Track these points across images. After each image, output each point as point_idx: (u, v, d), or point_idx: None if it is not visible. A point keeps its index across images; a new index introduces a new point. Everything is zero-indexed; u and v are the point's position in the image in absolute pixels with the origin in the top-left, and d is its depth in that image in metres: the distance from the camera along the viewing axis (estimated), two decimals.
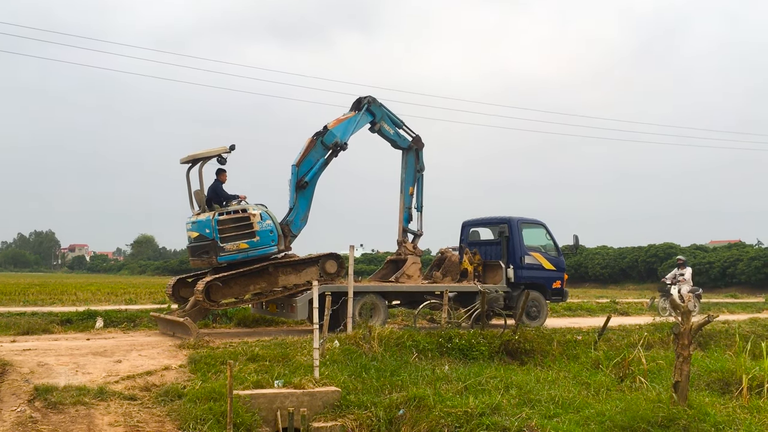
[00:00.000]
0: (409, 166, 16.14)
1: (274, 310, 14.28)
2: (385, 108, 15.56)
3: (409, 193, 16.16)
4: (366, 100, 15.22)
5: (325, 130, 14.47)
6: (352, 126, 14.89)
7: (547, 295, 16.48)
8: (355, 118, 15.01)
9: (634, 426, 7.75)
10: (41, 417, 7.30)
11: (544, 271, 16.42)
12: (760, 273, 53.85)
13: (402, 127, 15.96)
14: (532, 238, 16.62)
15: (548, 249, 16.77)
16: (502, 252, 16.22)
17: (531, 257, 16.25)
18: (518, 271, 15.97)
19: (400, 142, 15.92)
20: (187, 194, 13.61)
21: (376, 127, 15.51)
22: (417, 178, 16.23)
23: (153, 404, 8.11)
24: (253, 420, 8.10)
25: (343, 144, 14.58)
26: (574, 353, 12.54)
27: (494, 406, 8.51)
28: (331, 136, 14.43)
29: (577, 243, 17.89)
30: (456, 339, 12.05)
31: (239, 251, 12.92)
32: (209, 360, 9.95)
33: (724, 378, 10.06)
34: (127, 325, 14.56)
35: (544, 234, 16.94)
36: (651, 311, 21.30)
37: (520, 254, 16.09)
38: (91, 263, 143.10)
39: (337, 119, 14.79)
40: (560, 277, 16.72)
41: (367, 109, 15.23)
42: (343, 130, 14.67)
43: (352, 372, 9.94)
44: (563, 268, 16.95)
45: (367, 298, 14.02)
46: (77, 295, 25.19)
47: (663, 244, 64.25)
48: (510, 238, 16.13)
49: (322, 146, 14.38)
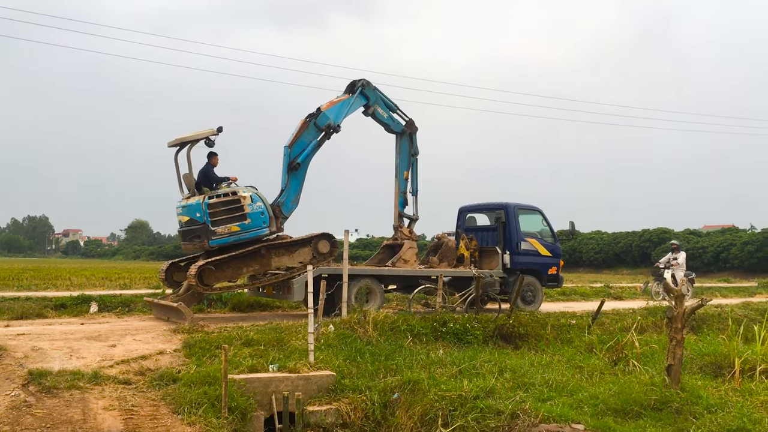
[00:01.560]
0: (403, 151, 16.09)
1: (271, 292, 14.27)
2: (379, 91, 15.48)
3: (404, 177, 16.08)
4: (360, 83, 15.14)
5: (318, 112, 14.39)
6: (345, 109, 14.82)
7: (543, 280, 16.51)
8: (349, 101, 14.94)
9: (627, 409, 7.81)
10: (35, 401, 7.30)
11: (540, 257, 16.46)
12: (752, 257, 54.15)
13: (396, 111, 15.88)
14: (529, 224, 16.66)
15: (544, 235, 16.80)
16: (498, 238, 16.21)
17: (527, 243, 16.26)
18: (514, 257, 15.99)
19: (393, 126, 15.85)
20: (176, 178, 13.52)
21: (369, 111, 15.43)
22: (411, 163, 16.17)
23: (148, 388, 8.11)
24: (248, 404, 8.12)
25: (336, 126, 14.52)
26: (567, 337, 12.60)
27: (488, 389, 8.55)
28: (324, 118, 14.36)
29: (573, 229, 17.83)
30: (450, 323, 12.09)
31: (231, 234, 12.86)
32: (204, 344, 9.95)
33: (716, 361, 10.14)
34: (121, 310, 14.53)
35: (541, 220, 16.98)
36: (644, 295, 21.38)
37: (516, 240, 16.11)
38: (85, 248, 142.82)
39: (330, 101, 14.71)
40: (556, 263, 16.77)
41: (361, 92, 15.15)
42: (337, 113, 14.60)
43: (346, 356, 9.97)
44: (559, 254, 17.00)
45: (364, 282, 14.01)
46: (71, 280, 25.15)
47: (657, 229, 64.46)
48: (506, 223, 16.12)
49: (315, 128, 14.32)
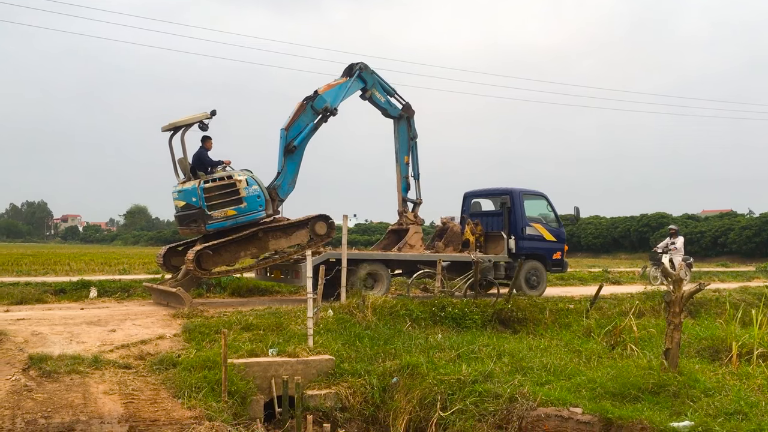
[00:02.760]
0: (401, 135, 16.05)
1: (279, 276, 14.30)
2: (376, 75, 15.42)
3: (404, 162, 16.08)
4: (358, 67, 15.07)
5: (315, 94, 14.33)
6: (343, 92, 14.75)
7: (548, 265, 16.61)
8: (346, 84, 14.87)
9: (624, 392, 7.84)
10: (36, 385, 7.32)
11: (544, 242, 16.54)
12: (751, 242, 54.29)
13: (394, 95, 15.83)
14: (534, 210, 16.74)
15: (549, 220, 16.89)
16: (503, 223, 16.29)
17: (532, 228, 16.36)
18: (519, 242, 16.08)
19: (390, 111, 15.80)
20: (171, 162, 13.47)
21: (367, 94, 15.38)
22: (411, 146, 16.15)
23: (148, 373, 8.13)
24: (248, 388, 8.15)
25: (333, 109, 14.46)
26: (566, 321, 12.64)
27: (487, 373, 8.59)
28: (321, 100, 14.30)
29: (577, 214, 17.95)
30: (449, 308, 12.12)
31: (227, 218, 12.83)
32: (203, 329, 9.96)
33: (714, 345, 10.17)
34: (120, 294, 14.54)
35: (545, 205, 17.05)
36: (643, 280, 21.45)
37: (521, 225, 16.18)
38: (84, 233, 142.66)
39: (327, 84, 14.63)
40: (560, 248, 16.89)
41: (359, 75, 15.09)
42: (334, 96, 14.54)
43: (346, 340, 10.00)
44: (564, 239, 17.11)
45: (371, 267, 14.09)
46: (70, 265, 25.14)
47: (655, 214, 64.56)
48: (512, 209, 16.20)
49: (312, 111, 14.25)
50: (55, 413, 6.66)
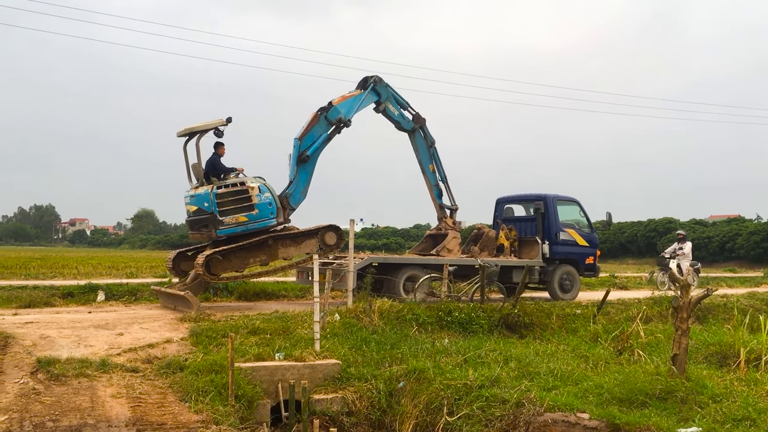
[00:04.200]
0: (420, 147, 16.18)
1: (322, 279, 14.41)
2: (391, 88, 15.53)
3: (430, 170, 16.31)
4: (372, 80, 15.19)
5: (329, 105, 14.46)
6: (357, 104, 14.87)
7: (581, 269, 16.97)
8: (360, 97, 14.99)
9: (632, 398, 7.81)
10: (44, 389, 7.36)
11: (577, 247, 16.93)
12: (758, 247, 53.96)
13: (407, 109, 15.91)
14: (567, 215, 17.11)
15: (582, 225, 17.26)
16: (537, 228, 16.60)
17: (565, 233, 16.73)
18: (553, 247, 16.43)
19: (404, 124, 15.88)
20: (185, 168, 13.60)
21: (381, 107, 15.50)
22: (432, 154, 16.30)
23: (155, 376, 8.16)
24: (255, 392, 8.17)
25: (347, 121, 14.60)
26: (573, 327, 12.62)
27: (493, 378, 8.57)
28: (335, 112, 14.42)
29: (610, 219, 18.28)
30: (456, 312, 12.11)
31: (238, 224, 12.93)
32: (210, 333, 10.00)
33: (722, 351, 10.12)
34: (128, 298, 14.61)
35: (578, 211, 17.43)
36: (650, 285, 21.35)
37: (555, 230, 16.54)
38: (92, 237, 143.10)
39: (342, 96, 14.78)
40: (593, 253, 17.29)
41: (373, 88, 15.21)
42: (348, 108, 14.66)
43: (352, 345, 10.00)
44: (596, 244, 17.50)
45: (411, 271, 14.34)
46: (78, 268, 25.26)
47: (662, 219, 64.32)
48: (545, 214, 16.54)
49: (326, 122, 14.39)
50: (63, 416, 6.69)
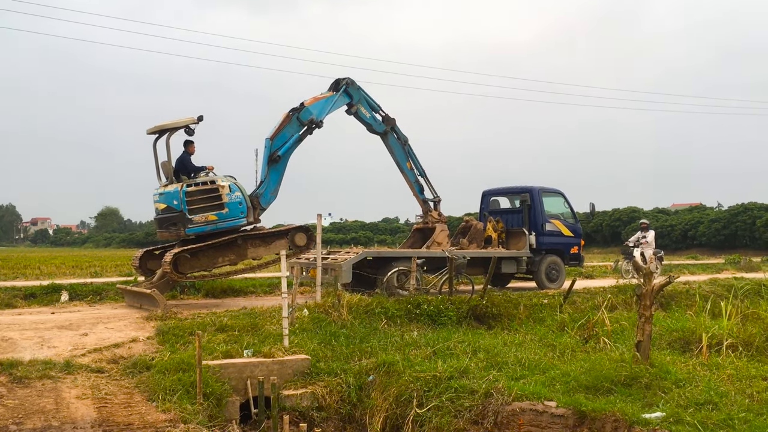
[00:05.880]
0: (395, 147, 16.22)
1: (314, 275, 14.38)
2: (363, 91, 15.53)
3: (408, 168, 16.40)
4: (344, 82, 15.17)
5: (301, 106, 14.42)
6: (329, 105, 14.85)
7: (566, 259, 17.44)
8: (333, 98, 14.97)
9: (598, 385, 7.94)
10: (7, 392, 7.20)
11: (563, 238, 17.40)
12: (719, 235, 55.24)
13: (378, 112, 15.91)
14: (552, 206, 17.50)
15: (566, 216, 17.73)
16: (524, 219, 16.95)
17: (551, 224, 17.18)
18: (540, 238, 16.83)
19: (376, 127, 15.88)
20: (154, 165, 13.44)
21: (353, 110, 15.50)
22: (407, 151, 16.37)
23: (121, 376, 8.04)
24: (223, 389, 8.10)
25: (319, 122, 14.58)
26: (540, 316, 12.76)
27: (462, 369, 8.64)
28: (307, 113, 14.38)
29: (593, 210, 19.04)
30: (424, 305, 12.17)
31: (208, 223, 12.82)
32: (177, 331, 9.89)
33: (684, 337, 10.33)
34: (92, 298, 14.37)
35: (563, 202, 17.90)
36: (615, 274, 21.70)
37: (541, 221, 16.96)
38: (55, 237, 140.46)
39: (314, 97, 14.75)
40: (577, 243, 17.80)
41: (345, 90, 15.18)
42: (320, 109, 14.63)
43: (321, 340, 9.99)
44: (580, 234, 18.02)
45: (402, 264, 14.36)
46: (41, 269, 24.78)
47: (627, 208, 65.38)
48: (531, 206, 16.93)
49: (298, 122, 14.35)
50: (27, 419, 6.56)
